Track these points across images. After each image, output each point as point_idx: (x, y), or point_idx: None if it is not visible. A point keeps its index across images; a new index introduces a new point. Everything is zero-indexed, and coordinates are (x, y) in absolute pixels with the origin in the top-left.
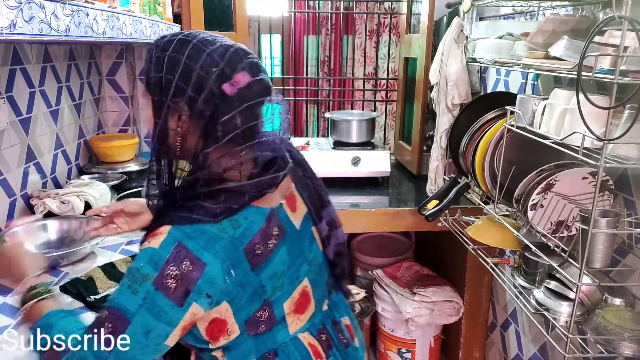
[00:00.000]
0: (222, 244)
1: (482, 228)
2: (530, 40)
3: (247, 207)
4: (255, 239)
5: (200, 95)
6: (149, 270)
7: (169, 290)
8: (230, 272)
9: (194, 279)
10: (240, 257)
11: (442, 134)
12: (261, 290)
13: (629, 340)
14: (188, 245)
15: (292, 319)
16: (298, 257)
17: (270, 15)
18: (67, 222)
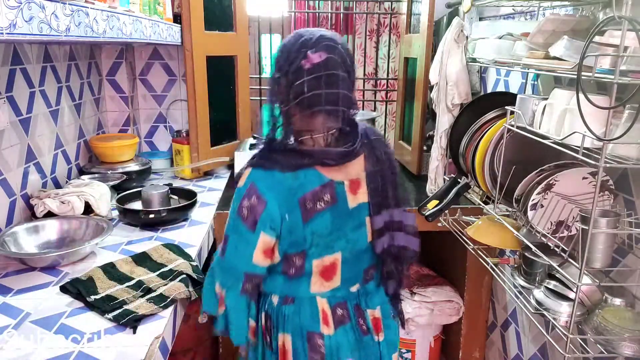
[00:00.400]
0: (281, 189)
1: (482, 228)
2: (530, 40)
3: (309, 168)
4: (308, 195)
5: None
6: (235, 203)
7: (244, 217)
8: (285, 216)
9: (260, 210)
10: (295, 205)
11: (442, 134)
12: (303, 241)
13: (629, 340)
14: (258, 184)
15: (316, 279)
16: (339, 230)
17: (270, 15)
18: (67, 222)
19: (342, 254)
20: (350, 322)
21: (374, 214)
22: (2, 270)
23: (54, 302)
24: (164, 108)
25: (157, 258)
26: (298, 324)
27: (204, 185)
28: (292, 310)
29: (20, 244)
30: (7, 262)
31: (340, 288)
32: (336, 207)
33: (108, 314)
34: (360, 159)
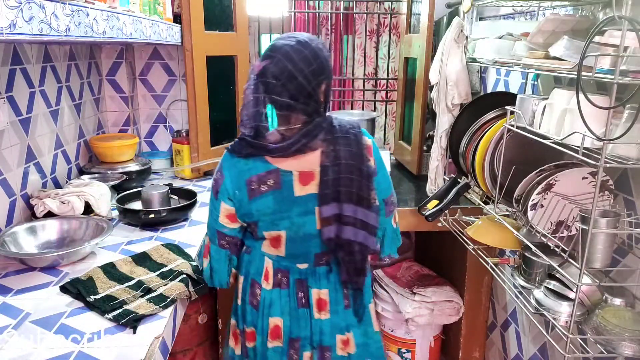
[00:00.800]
0: (235, 170)
1: (482, 228)
2: (530, 40)
3: (258, 156)
4: (253, 178)
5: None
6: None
7: (212, 187)
8: (235, 192)
9: (219, 183)
10: (242, 184)
11: (442, 134)
12: (251, 214)
13: (629, 340)
14: (223, 164)
15: (266, 243)
16: (282, 212)
17: (270, 15)
18: (67, 222)
19: (286, 233)
20: (287, 289)
21: (321, 204)
22: (2, 270)
23: (54, 302)
24: (164, 108)
25: (157, 258)
26: (248, 270)
27: (204, 185)
28: (247, 259)
29: (20, 244)
30: (7, 262)
31: (284, 259)
32: (280, 192)
33: (108, 314)
34: (317, 153)
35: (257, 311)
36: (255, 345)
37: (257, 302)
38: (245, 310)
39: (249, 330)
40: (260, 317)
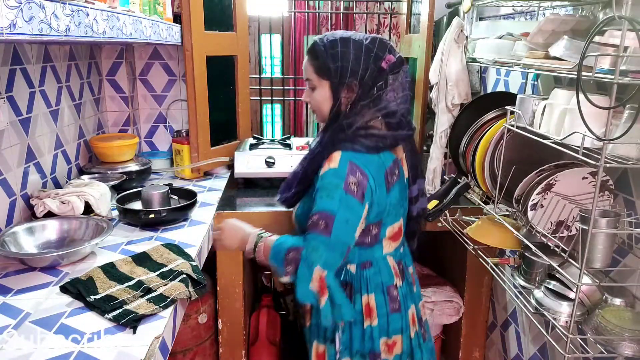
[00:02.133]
0: (374, 165)
1: (482, 228)
2: (530, 40)
3: (385, 150)
4: (389, 170)
5: (367, 73)
6: (337, 181)
7: (353, 193)
8: (376, 189)
9: (365, 184)
10: (382, 179)
11: (442, 134)
12: (383, 210)
13: (629, 340)
14: (356, 162)
15: (387, 242)
16: (403, 200)
17: (270, 15)
18: (67, 222)
19: (403, 219)
20: (405, 274)
21: (412, 184)
22: (2, 270)
23: (54, 302)
24: (164, 108)
25: (157, 258)
26: (379, 282)
27: (204, 185)
28: (372, 272)
29: (20, 244)
30: (7, 262)
31: (399, 247)
32: (401, 181)
33: (108, 314)
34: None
35: (400, 312)
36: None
37: (398, 305)
38: (387, 323)
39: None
40: (404, 317)
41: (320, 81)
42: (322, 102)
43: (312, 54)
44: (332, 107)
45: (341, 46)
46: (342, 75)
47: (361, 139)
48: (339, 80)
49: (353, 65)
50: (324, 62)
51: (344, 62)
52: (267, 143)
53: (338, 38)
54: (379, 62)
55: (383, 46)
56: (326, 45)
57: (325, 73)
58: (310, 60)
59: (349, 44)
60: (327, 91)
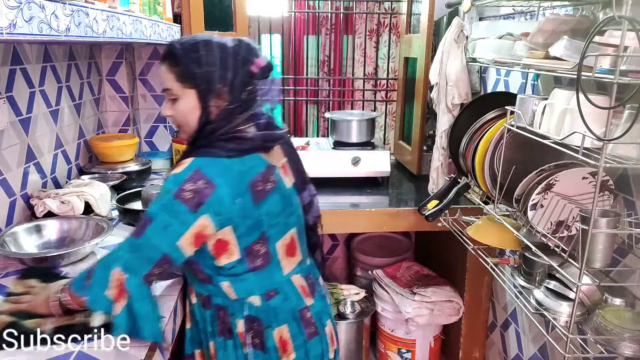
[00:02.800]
0: (232, 174)
1: (482, 228)
2: (530, 40)
3: (253, 153)
4: (258, 177)
5: (236, 78)
6: (171, 186)
7: (184, 199)
8: (236, 199)
9: (207, 194)
10: (245, 189)
11: (443, 134)
12: (259, 223)
13: (629, 340)
14: (205, 170)
15: (284, 260)
16: (288, 207)
17: (270, 15)
18: (67, 222)
19: (295, 229)
20: (315, 289)
21: (301, 191)
22: (2, 271)
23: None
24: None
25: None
26: (289, 309)
27: None
28: (279, 300)
29: (20, 244)
30: (7, 262)
31: (303, 261)
32: (279, 189)
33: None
34: (278, 146)
35: (318, 335)
36: None
37: (314, 328)
38: (306, 353)
39: None
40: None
41: (184, 90)
42: (188, 113)
43: (171, 60)
44: (200, 117)
45: (204, 49)
46: (209, 81)
47: (221, 143)
48: (207, 86)
49: (221, 70)
50: (187, 67)
51: (210, 66)
52: None
53: (199, 41)
54: (247, 66)
55: (250, 49)
56: (187, 49)
57: (190, 80)
58: (169, 68)
59: (212, 47)
60: (194, 100)
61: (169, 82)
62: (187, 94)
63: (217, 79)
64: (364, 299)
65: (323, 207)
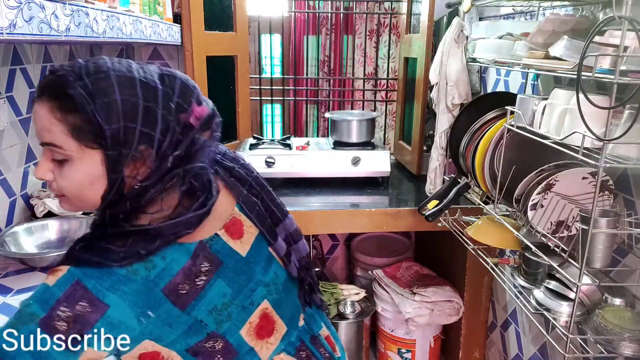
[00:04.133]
0: (132, 286)
1: (482, 228)
2: (530, 40)
3: (163, 247)
4: (177, 279)
5: (167, 136)
6: (36, 309)
7: (57, 330)
8: (147, 313)
9: (91, 321)
10: (159, 299)
11: (442, 134)
12: (199, 326)
13: (629, 340)
14: (88, 284)
15: (260, 345)
16: (247, 285)
17: (270, 15)
18: (67, 222)
19: (268, 300)
20: (316, 358)
21: (274, 241)
22: (2, 270)
23: None
24: None
25: None
26: None
27: None
28: None
29: (20, 244)
30: (7, 262)
31: (289, 332)
32: (225, 268)
33: None
34: (223, 195)
35: None
36: None
37: None
38: None
39: None
40: None
41: (83, 150)
42: (87, 185)
43: (61, 102)
44: (106, 192)
45: (120, 91)
46: (126, 142)
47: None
48: (122, 149)
49: (145, 125)
50: (92, 119)
51: (127, 119)
52: (267, 143)
53: (110, 74)
54: (182, 117)
55: (186, 92)
56: (91, 90)
57: (96, 138)
58: (57, 113)
59: (132, 87)
60: (97, 166)
61: (56, 135)
62: (87, 157)
63: (137, 139)
64: (364, 299)
65: (323, 207)
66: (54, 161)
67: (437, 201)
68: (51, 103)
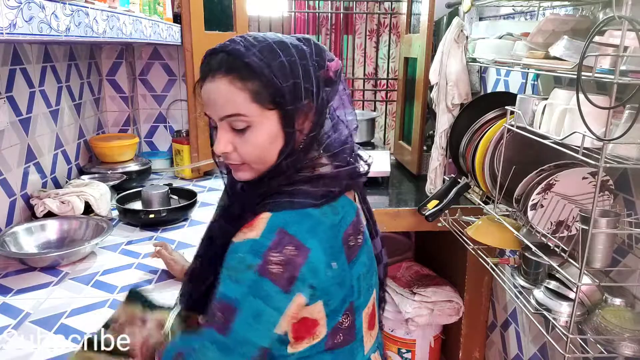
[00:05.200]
0: (323, 228)
1: (482, 228)
2: (530, 40)
3: (342, 195)
4: (350, 230)
5: (320, 89)
6: (251, 259)
7: (274, 276)
8: (331, 264)
9: (300, 263)
10: (339, 247)
11: (442, 134)
12: (351, 291)
13: (629, 340)
14: (290, 230)
15: (367, 336)
16: (372, 265)
17: (270, 15)
18: (67, 222)
19: (375, 292)
20: None
21: (374, 237)
22: (2, 270)
23: (54, 302)
24: (164, 108)
25: None
26: None
27: (204, 185)
28: None
29: (20, 244)
30: (7, 262)
31: (379, 332)
32: (366, 238)
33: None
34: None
35: None
36: None
37: None
38: None
39: None
40: None
41: (263, 113)
42: (268, 144)
43: (240, 72)
44: (283, 147)
45: (284, 53)
46: (297, 96)
47: (302, 187)
48: (295, 104)
49: (305, 81)
50: (271, 81)
51: (296, 77)
52: None
53: (272, 42)
54: (323, 72)
55: (319, 48)
56: (266, 56)
57: (274, 98)
58: (238, 84)
59: (288, 49)
60: (275, 125)
61: (239, 105)
62: (267, 119)
63: (303, 93)
64: None
65: None
66: (234, 132)
67: (437, 201)
68: (230, 76)
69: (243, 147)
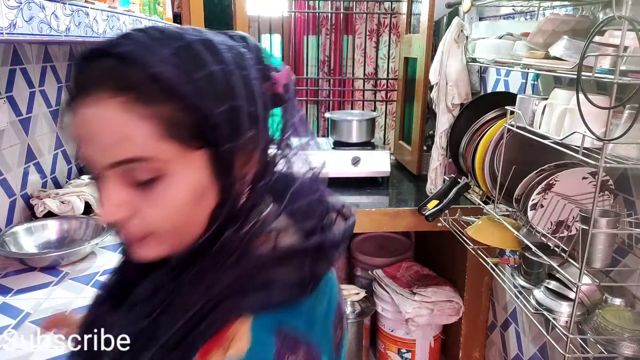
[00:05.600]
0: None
1: (482, 228)
2: (530, 40)
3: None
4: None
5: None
6: None
7: None
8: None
9: None
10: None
11: (442, 134)
12: None
13: (629, 340)
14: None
15: None
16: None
17: (270, 15)
18: (67, 222)
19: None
20: None
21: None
22: (2, 270)
23: (54, 302)
24: None
25: None
26: None
27: None
28: None
29: (20, 244)
30: (7, 262)
31: None
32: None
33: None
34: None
35: None
36: None
37: None
38: None
39: None
40: None
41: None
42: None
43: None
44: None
45: (214, 59)
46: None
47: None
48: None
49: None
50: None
51: (233, 96)
52: None
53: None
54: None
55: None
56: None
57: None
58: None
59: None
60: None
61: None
62: (190, 163)
63: (247, 122)
64: (364, 299)
65: None
66: (132, 186)
67: (437, 201)
68: (123, 96)
69: (149, 210)
